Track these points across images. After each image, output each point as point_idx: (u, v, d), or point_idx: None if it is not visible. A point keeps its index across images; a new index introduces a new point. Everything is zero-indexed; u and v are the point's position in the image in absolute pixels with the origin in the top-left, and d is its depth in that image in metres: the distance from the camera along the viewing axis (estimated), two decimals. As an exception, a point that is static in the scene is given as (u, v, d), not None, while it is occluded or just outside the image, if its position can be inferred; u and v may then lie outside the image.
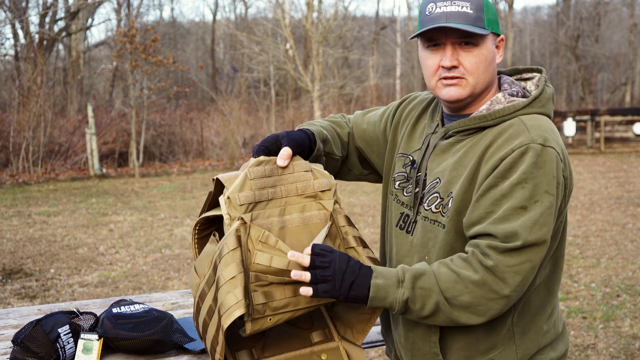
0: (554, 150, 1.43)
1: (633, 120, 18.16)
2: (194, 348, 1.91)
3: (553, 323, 1.60)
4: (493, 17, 1.52)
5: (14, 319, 2.23)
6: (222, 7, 43.21)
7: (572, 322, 4.64)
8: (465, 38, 1.50)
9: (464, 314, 1.42)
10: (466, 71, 1.51)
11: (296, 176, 1.57)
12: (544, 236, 1.40)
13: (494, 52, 1.55)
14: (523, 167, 1.41)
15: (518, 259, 1.39)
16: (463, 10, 1.49)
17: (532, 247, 1.39)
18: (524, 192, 1.40)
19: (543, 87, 1.56)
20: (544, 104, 1.55)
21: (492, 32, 1.52)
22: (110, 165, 16.67)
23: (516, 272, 1.39)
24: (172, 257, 6.87)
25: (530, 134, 1.44)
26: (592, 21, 30.86)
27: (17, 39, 20.87)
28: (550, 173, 1.41)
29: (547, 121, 1.51)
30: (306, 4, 18.65)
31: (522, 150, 1.42)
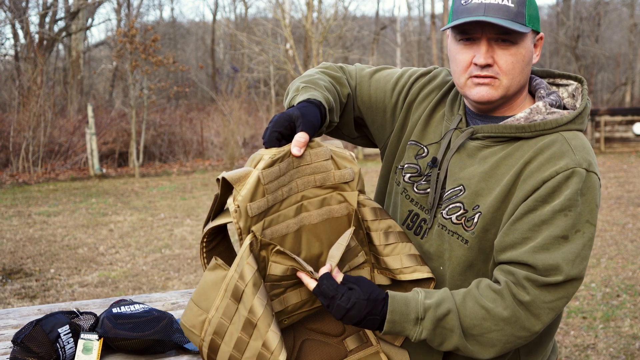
0: (597, 176, 1.34)
1: (633, 120, 18.16)
2: (194, 348, 1.91)
3: (553, 337, 1.57)
4: (534, 14, 1.39)
5: (14, 319, 2.23)
6: (222, 7, 43.22)
7: (572, 322, 4.64)
8: (504, 35, 1.35)
9: (485, 351, 1.33)
10: (501, 71, 1.38)
11: (314, 167, 1.39)
12: (583, 271, 1.31)
13: (532, 51, 1.41)
14: (567, 192, 1.30)
15: (556, 295, 1.30)
16: (504, 3, 1.34)
17: (571, 282, 1.30)
18: (566, 221, 1.29)
19: (585, 102, 1.44)
20: (583, 120, 1.43)
21: (532, 30, 1.39)
22: (110, 165, 16.68)
23: (551, 309, 1.30)
24: (172, 257, 6.87)
25: (576, 156, 1.33)
26: (592, 21, 30.87)
27: (17, 39, 20.88)
28: (594, 201, 1.32)
29: (587, 141, 1.40)
30: (306, 4, 18.65)
31: (567, 174, 1.31)
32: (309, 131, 1.35)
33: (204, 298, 1.36)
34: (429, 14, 36.24)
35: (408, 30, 32.20)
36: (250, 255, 1.30)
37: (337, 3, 18.86)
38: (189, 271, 6.31)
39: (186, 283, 5.93)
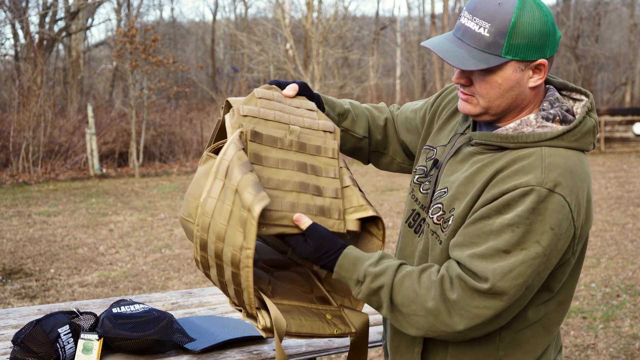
0: (563, 198, 1.30)
1: (633, 120, 18.15)
2: (194, 348, 1.91)
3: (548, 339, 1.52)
4: (524, 42, 1.32)
5: (14, 319, 2.23)
6: (222, 7, 43.22)
7: (572, 322, 4.64)
8: None
9: (411, 329, 1.39)
10: (477, 92, 1.39)
11: (302, 111, 1.57)
12: (515, 289, 1.29)
13: (518, 79, 1.36)
14: (520, 209, 1.29)
15: (481, 302, 1.30)
16: (479, 31, 1.33)
17: (498, 296, 1.29)
18: (512, 236, 1.29)
19: (582, 118, 1.39)
20: (580, 137, 1.38)
21: (513, 60, 1.34)
22: (110, 165, 16.67)
23: (476, 315, 1.31)
24: (172, 257, 6.87)
25: (542, 175, 1.30)
26: (592, 21, 30.87)
27: (17, 39, 20.88)
28: (548, 223, 1.29)
29: (574, 160, 1.35)
30: (306, 4, 18.65)
31: (525, 190, 1.30)
32: (301, 86, 1.61)
33: (197, 187, 1.45)
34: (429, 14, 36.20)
35: (408, 30, 32.19)
36: (237, 139, 1.43)
37: (337, 3, 18.87)
38: (189, 271, 6.31)
39: (186, 283, 5.93)
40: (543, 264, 1.30)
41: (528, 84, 1.38)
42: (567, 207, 1.30)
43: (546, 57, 1.36)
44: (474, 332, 1.35)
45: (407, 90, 28.19)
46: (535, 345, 1.45)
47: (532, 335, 1.44)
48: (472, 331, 1.34)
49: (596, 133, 1.43)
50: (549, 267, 1.33)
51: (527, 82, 1.38)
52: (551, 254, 1.31)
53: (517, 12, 1.31)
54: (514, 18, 1.31)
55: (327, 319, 1.61)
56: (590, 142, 1.41)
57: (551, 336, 1.48)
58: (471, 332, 1.35)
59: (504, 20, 1.31)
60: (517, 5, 1.32)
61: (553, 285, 1.42)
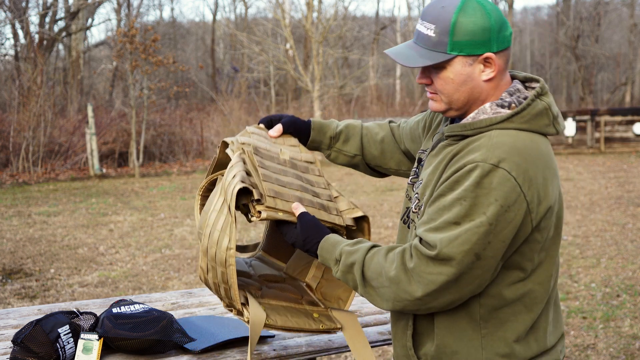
0: (507, 173, 1.40)
1: (633, 120, 18.16)
2: (194, 348, 1.91)
3: (534, 339, 1.55)
4: (467, 38, 1.47)
5: (14, 319, 2.23)
6: (222, 7, 43.22)
7: (572, 322, 4.64)
8: None
9: (382, 303, 1.52)
10: (437, 89, 1.55)
11: (286, 147, 1.85)
12: (462, 253, 1.39)
13: (468, 73, 1.50)
14: (466, 184, 1.42)
15: (433, 269, 1.42)
16: (427, 33, 1.50)
17: (447, 261, 1.40)
18: (460, 209, 1.41)
19: (530, 101, 1.51)
20: (530, 119, 1.49)
21: (459, 55, 1.48)
22: (110, 165, 16.68)
23: (430, 281, 1.42)
24: (172, 257, 6.87)
25: (487, 152, 1.43)
26: (592, 21, 30.86)
27: (17, 39, 20.88)
28: (493, 196, 1.39)
29: (523, 139, 1.46)
30: (306, 4, 18.65)
31: (471, 167, 1.43)
32: (285, 125, 1.86)
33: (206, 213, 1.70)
34: (429, 14, 36.08)
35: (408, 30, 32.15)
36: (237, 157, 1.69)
37: (337, 3, 18.87)
38: (189, 271, 6.31)
39: (186, 283, 5.93)
40: (491, 233, 1.40)
41: (481, 77, 1.51)
42: (513, 180, 1.40)
43: (493, 51, 1.49)
44: (434, 298, 1.45)
45: (407, 90, 28.20)
46: (517, 323, 1.52)
47: (513, 313, 1.51)
48: (431, 297, 1.44)
49: (553, 116, 1.52)
50: (502, 238, 1.41)
51: (480, 76, 1.51)
52: (500, 225, 1.40)
53: (457, 12, 1.47)
54: (454, 17, 1.46)
55: (314, 317, 1.80)
56: (546, 125, 1.51)
57: (533, 314, 1.53)
58: (431, 299, 1.45)
59: (445, 20, 1.47)
60: (459, 6, 1.47)
61: (524, 264, 1.49)
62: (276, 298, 1.82)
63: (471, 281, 1.44)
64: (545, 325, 1.57)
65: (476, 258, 1.41)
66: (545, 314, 1.57)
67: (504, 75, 1.55)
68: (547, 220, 1.48)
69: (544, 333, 1.57)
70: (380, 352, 4.15)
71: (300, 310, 1.81)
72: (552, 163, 1.50)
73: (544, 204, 1.45)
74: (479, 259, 1.41)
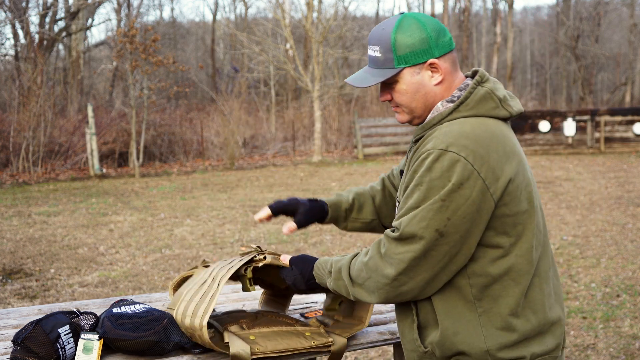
0: (456, 154, 1.51)
1: (633, 120, 18.15)
2: (194, 348, 1.91)
3: (532, 312, 1.61)
4: (408, 51, 1.62)
5: (14, 319, 2.23)
6: (222, 7, 43.22)
7: (572, 322, 4.64)
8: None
9: (369, 297, 1.64)
10: (398, 103, 1.69)
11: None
12: (421, 229, 1.52)
13: (419, 81, 1.64)
14: (421, 170, 1.55)
15: (401, 248, 1.55)
16: (375, 54, 1.66)
17: (410, 239, 1.54)
18: (419, 194, 1.54)
19: (472, 89, 1.62)
20: (474, 106, 1.61)
21: (406, 67, 1.63)
22: (110, 165, 16.68)
23: (401, 260, 1.55)
24: (172, 257, 6.88)
25: (437, 140, 1.56)
26: (592, 21, 30.86)
27: (17, 39, 20.88)
28: (446, 177, 1.51)
29: (471, 124, 1.58)
30: (306, 4, 18.65)
31: (424, 156, 1.56)
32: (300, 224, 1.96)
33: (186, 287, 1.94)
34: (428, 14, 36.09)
35: (408, 30, 32.05)
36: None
37: (337, 3, 18.85)
38: (189, 271, 6.31)
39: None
40: (447, 209, 1.51)
41: (431, 82, 1.65)
42: (463, 160, 1.51)
43: (435, 57, 1.63)
44: (408, 277, 1.56)
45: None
46: (509, 297, 1.59)
47: (503, 288, 1.59)
48: (405, 276, 1.56)
49: (499, 98, 1.63)
50: (462, 214, 1.51)
51: (430, 81, 1.65)
52: (455, 202, 1.51)
53: (395, 31, 1.62)
54: (394, 35, 1.62)
55: (306, 336, 1.90)
56: (494, 107, 1.62)
57: (521, 286, 1.60)
58: (405, 278, 1.56)
59: (387, 40, 1.63)
60: (396, 25, 1.63)
61: (500, 240, 1.57)
62: (268, 325, 1.93)
63: (440, 258, 1.54)
64: (542, 298, 1.63)
65: (439, 235, 1.52)
66: (537, 286, 1.64)
67: (455, 76, 1.67)
68: (512, 195, 1.55)
69: (542, 306, 1.63)
70: (380, 352, 4.15)
71: (292, 332, 1.90)
72: (508, 141, 1.59)
73: (503, 179, 1.54)
74: (442, 236, 1.52)
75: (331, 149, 19.95)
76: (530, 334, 1.60)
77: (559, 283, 1.73)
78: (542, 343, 1.62)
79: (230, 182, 13.54)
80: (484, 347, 1.58)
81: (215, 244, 7.44)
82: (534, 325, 1.61)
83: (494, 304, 1.58)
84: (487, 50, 34.40)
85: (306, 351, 1.87)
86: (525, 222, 1.59)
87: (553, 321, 1.65)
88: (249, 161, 17.91)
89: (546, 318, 1.63)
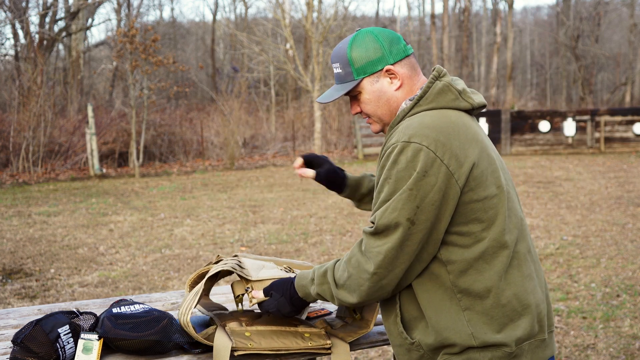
0: (418, 144, 1.56)
1: (633, 120, 18.15)
2: (194, 348, 1.91)
3: (514, 296, 1.62)
4: (364, 62, 1.70)
5: (14, 319, 2.23)
6: (222, 7, 43.22)
7: (572, 322, 4.64)
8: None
9: (350, 296, 1.67)
10: (366, 113, 1.77)
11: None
12: (394, 220, 1.57)
13: (379, 88, 1.72)
14: (388, 164, 1.60)
15: (378, 241, 1.60)
16: (337, 71, 1.76)
17: (386, 231, 1.58)
18: (388, 188, 1.59)
19: (430, 84, 1.68)
20: (433, 99, 1.67)
21: (365, 77, 1.71)
22: (110, 165, 16.68)
23: (379, 252, 1.59)
24: (172, 257, 6.87)
25: (400, 134, 1.61)
26: (592, 21, 30.86)
27: (17, 39, 20.88)
28: (411, 168, 1.56)
29: (432, 116, 1.63)
30: (306, 4, 18.65)
31: (389, 150, 1.61)
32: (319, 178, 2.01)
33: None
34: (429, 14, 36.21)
35: (408, 30, 32.20)
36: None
37: (337, 3, 18.85)
38: (189, 271, 6.31)
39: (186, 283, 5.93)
40: (416, 198, 1.55)
41: (391, 88, 1.72)
42: (425, 149, 1.56)
43: (390, 63, 1.71)
44: (387, 270, 1.60)
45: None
46: (485, 281, 1.62)
47: (479, 272, 1.61)
48: (384, 269, 1.60)
49: (458, 91, 1.68)
50: (431, 202, 1.56)
51: (390, 87, 1.72)
52: (422, 189, 1.55)
53: (350, 46, 1.72)
54: (349, 50, 1.72)
55: (304, 337, 1.89)
56: (453, 99, 1.67)
57: (497, 268, 1.62)
58: (384, 271, 1.60)
59: (344, 55, 1.73)
60: (350, 41, 1.73)
61: (473, 227, 1.60)
62: (268, 323, 1.92)
63: (415, 247, 1.59)
64: (521, 280, 1.65)
65: (410, 223, 1.56)
66: (516, 268, 1.65)
67: (416, 80, 1.74)
68: (478, 180, 1.59)
69: (521, 288, 1.64)
70: (381, 352, 4.15)
71: (290, 332, 1.90)
72: (469, 129, 1.63)
73: (467, 164, 1.58)
74: (413, 224, 1.56)
75: (331, 149, 19.96)
76: (512, 316, 1.62)
77: (540, 267, 1.75)
78: (525, 327, 1.63)
79: (230, 182, 13.55)
80: (468, 332, 1.60)
81: (215, 244, 7.44)
82: (515, 307, 1.62)
83: (472, 289, 1.61)
84: (487, 50, 34.41)
85: (302, 352, 1.86)
86: (496, 206, 1.62)
87: (535, 303, 1.66)
88: (249, 161, 17.91)
89: (527, 299, 1.64)
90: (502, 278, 1.62)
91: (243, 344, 1.82)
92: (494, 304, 1.61)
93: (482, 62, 33.56)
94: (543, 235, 7.46)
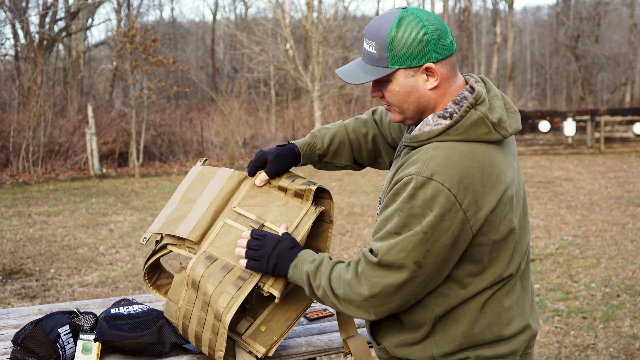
0: (440, 184, 1.46)
1: (633, 120, 18.15)
2: (193, 348, 1.91)
3: (488, 327, 1.59)
4: (404, 52, 1.52)
5: (14, 319, 2.24)
6: (222, 7, 43.22)
7: (572, 322, 4.64)
8: None
9: (351, 312, 1.60)
10: (388, 102, 1.63)
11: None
12: (400, 260, 1.49)
13: (412, 84, 1.56)
14: (403, 196, 1.50)
15: (377, 273, 1.52)
16: (370, 50, 1.57)
17: (388, 267, 1.51)
18: (398, 220, 1.50)
19: (464, 112, 1.53)
20: (464, 130, 1.53)
21: (400, 68, 1.54)
22: (110, 165, 16.67)
23: (375, 283, 1.53)
24: (172, 257, 6.88)
25: (422, 166, 1.50)
26: (592, 21, 30.85)
27: (17, 39, 20.88)
28: (426, 206, 1.47)
29: (459, 151, 1.50)
30: (306, 4, 18.65)
31: (406, 180, 1.50)
32: (270, 173, 1.88)
33: (175, 293, 1.79)
34: (429, 14, 35.96)
35: (408, 30, 32.00)
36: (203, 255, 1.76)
37: (337, 3, 18.86)
38: (189, 271, 6.32)
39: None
40: (428, 242, 1.47)
41: (425, 86, 1.56)
42: (447, 191, 1.46)
43: (432, 61, 1.54)
44: (380, 302, 1.54)
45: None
46: (467, 315, 1.58)
47: (467, 310, 1.58)
48: (377, 300, 1.54)
49: (492, 123, 1.53)
50: (441, 245, 1.48)
51: (424, 85, 1.56)
52: (436, 233, 1.47)
53: (393, 28, 1.52)
54: (391, 33, 1.52)
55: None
56: (486, 133, 1.52)
57: (479, 303, 1.57)
58: (377, 301, 1.54)
59: (383, 36, 1.53)
60: (395, 22, 1.53)
61: (473, 268, 1.55)
62: (263, 307, 1.91)
63: (415, 287, 1.53)
64: (499, 312, 1.60)
65: (417, 266, 1.49)
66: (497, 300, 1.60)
67: (453, 81, 1.58)
68: (491, 224, 1.51)
69: (497, 320, 1.60)
70: (380, 352, 4.15)
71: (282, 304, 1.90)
72: (495, 169, 1.51)
73: (484, 210, 1.49)
74: (420, 267, 1.49)
75: (331, 149, 19.95)
76: (480, 344, 1.61)
77: (528, 296, 1.69)
78: (492, 349, 1.61)
79: (230, 182, 13.54)
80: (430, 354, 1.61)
81: (215, 244, 7.44)
82: (486, 338, 1.60)
83: (452, 324, 1.59)
84: (487, 50, 34.40)
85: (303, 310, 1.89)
86: (501, 248, 1.55)
87: (510, 335, 1.62)
88: (249, 161, 17.91)
89: (500, 332, 1.61)
90: (481, 309, 1.59)
91: (269, 340, 1.83)
92: (465, 338, 1.59)
93: (482, 62, 33.55)
94: (543, 235, 7.46)
